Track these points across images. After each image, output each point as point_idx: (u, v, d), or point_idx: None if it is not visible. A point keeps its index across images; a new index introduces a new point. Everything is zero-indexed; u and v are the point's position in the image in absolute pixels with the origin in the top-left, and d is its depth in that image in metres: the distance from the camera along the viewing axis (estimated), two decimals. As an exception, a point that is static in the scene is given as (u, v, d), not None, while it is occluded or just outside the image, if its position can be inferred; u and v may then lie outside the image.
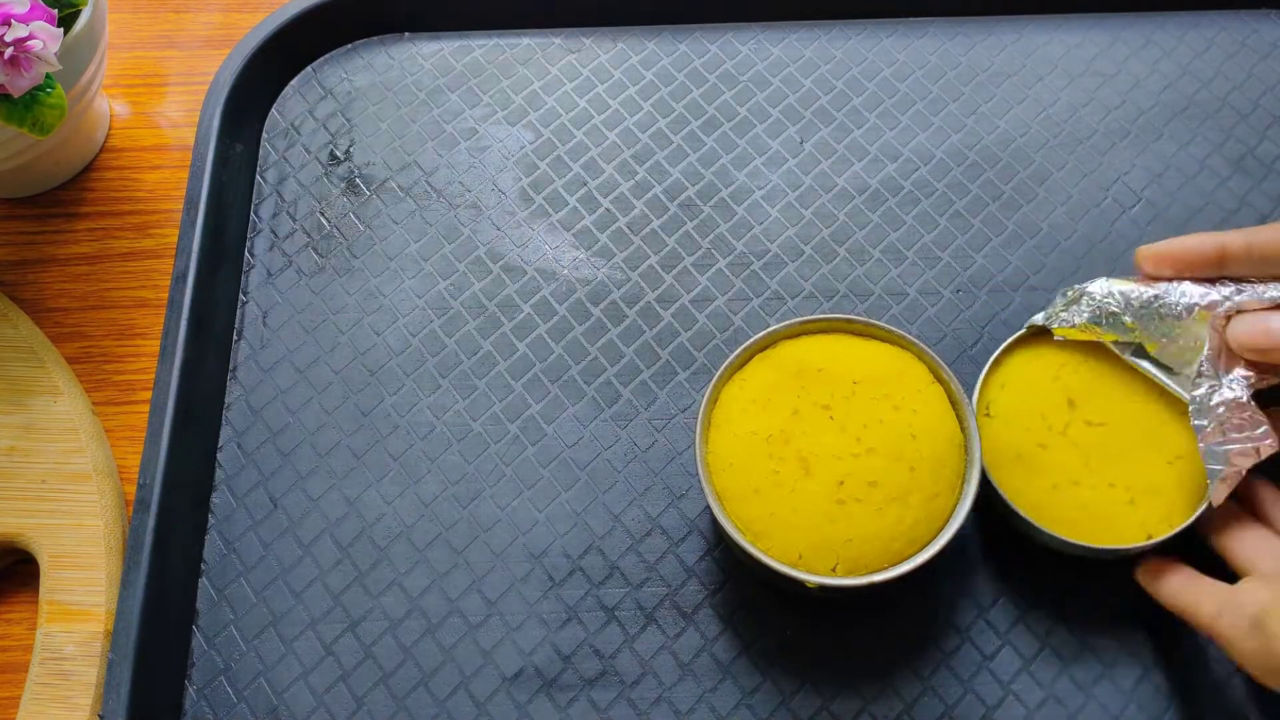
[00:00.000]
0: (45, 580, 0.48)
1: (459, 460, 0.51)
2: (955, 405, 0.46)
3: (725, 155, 0.58)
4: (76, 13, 0.52)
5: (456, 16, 0.62)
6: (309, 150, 0.59)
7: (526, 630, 0.48)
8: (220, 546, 0.50)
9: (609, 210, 0.57)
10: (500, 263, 0.56)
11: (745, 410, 0.46)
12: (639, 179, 0.57)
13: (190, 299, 0.52)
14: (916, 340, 0.47)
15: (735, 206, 0.56)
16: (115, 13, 0.64)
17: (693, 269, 0.55)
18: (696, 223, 0.56)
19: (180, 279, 0.53)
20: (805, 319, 0.48)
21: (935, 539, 0.44)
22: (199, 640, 0.48)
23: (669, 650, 0.47)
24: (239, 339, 0.54)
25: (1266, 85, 0.59)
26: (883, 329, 0.47)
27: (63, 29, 0.50)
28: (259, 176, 0.58)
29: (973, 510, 0.44)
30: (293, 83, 0.61)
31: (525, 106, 0.60)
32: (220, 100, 0.57)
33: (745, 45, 0.61)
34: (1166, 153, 0.57)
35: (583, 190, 0.57)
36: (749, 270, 0.55)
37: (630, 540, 0.49)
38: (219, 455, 0.52)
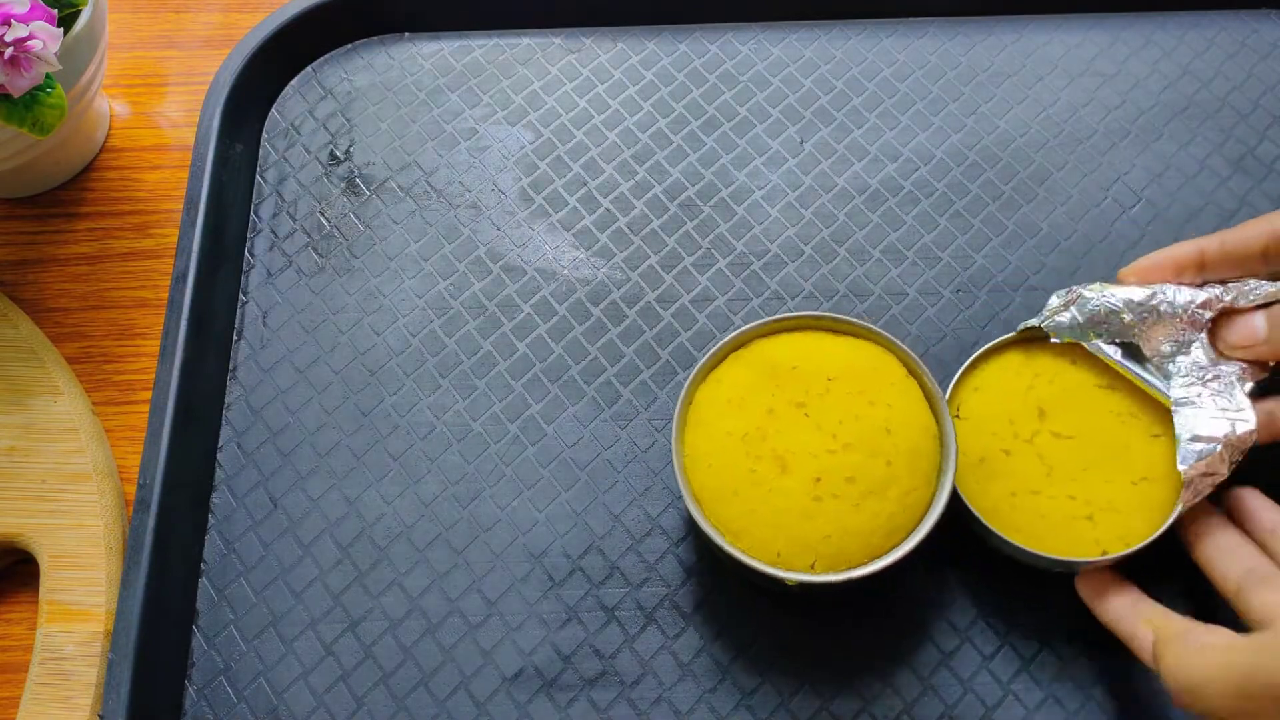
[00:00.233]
0: (45, 580, 0.49)
1: (459, 460, 0.51)
2: (930, 399, 0.46)
3: (725, 155, 0.58)
4: (76, 13, 0.52)
5: (456, 16, 0.62)
6: (309, 150, 0.59)
7: (526, 630, 0.48)
8: (220, 546, 0.50)
9: (609, 210, 0.57)
10: (500, 263, 0.56)
11: (721, 410, 0.46)
12: (639, 179, 0.57)
13: (190, 299, 0.52)
14: (888, 335, 0.47)
15: (735, 206, 0.56)
16: (115, 13, 0.64)
17: (693, 269, 0.55)
18: (696, 223, 0.56)
19: (180, 279, 0.53)
20: (777, 317, 0.48)
21: (913, 532, 0.44)
22: (199, 640, 0.48)
23: (669, 650, 0.47)
24: (239, 339, 0.54)
25: (1266, 85, 0.59)
26: (855, 324, 0.47)
27: (63, 29, 0.50)
28: (259, 176, 0.58)
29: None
30: (293, 83, 0.61)
31: (525, 106, 0.60)
32: (220, 100, 0.57)
33: (745, 45, 0.61)
34: (1166, 153, 0.57)
35: (583, 190, 0.57)
36: (749, 270, 0.55)
37: (630, 540, 0.49)
38: (219, 455, 0.52)
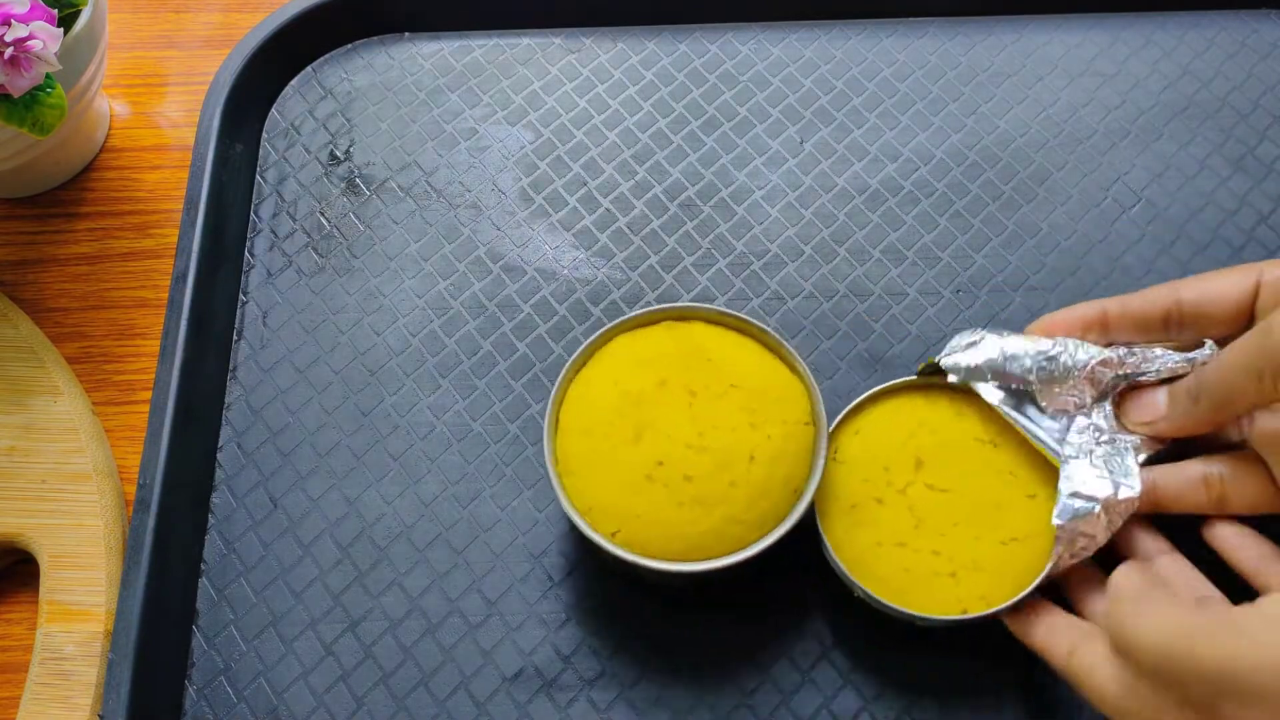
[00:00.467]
0: (45, 580, 0.48)
1: (459, 460, 0.51)
2: (814, 453, 0.45)
3: (725, 155, 0.58)
4: (76, 13, 0.52)
5: (456, 16, 0.62)
6: (309, 150, 0.59)
7: (526, 630, 0.48)
8: (220, 546, 0.50)
9: (609, 210, 0.57)
10: (500, 263, 0.56)
11: (623, 362, 0.46)
12: (639, 179, 0.57)
13: (190, 299, 0.52)
14: (812, 379, 0.46)
15: (735, 206, 0.56)
16: (115, 13, 0.64)
17: (693, 269, 0.55)
18: (696, 223, 0.56)
19: (180, 279, 0.53)
20: (724, 310, 0.47)
21: (712, 560, 0.43)
22: (199, 640, 0.48)
23: (668, 650, 0.47)
24: (239, 339, 0.54)
25: (1266, 85, 0.59)
26: (790, 354, 0.46)
27: (63, 29, 0.50)
28: (259, 176, 0.58)
29: (775, 548, 0.43)
30: (293, 83, 0.61)
31: (525, 106, 0.60)
32: (220, 100, 0.57)
33: (745, 45, 0.61)
34: (1166, 153, 0.57)
35: (583, 190, 0.57)
36: (749, 270, 0.55)
37: (630, 540, 0.49)
38: (219, 455, 0.52)
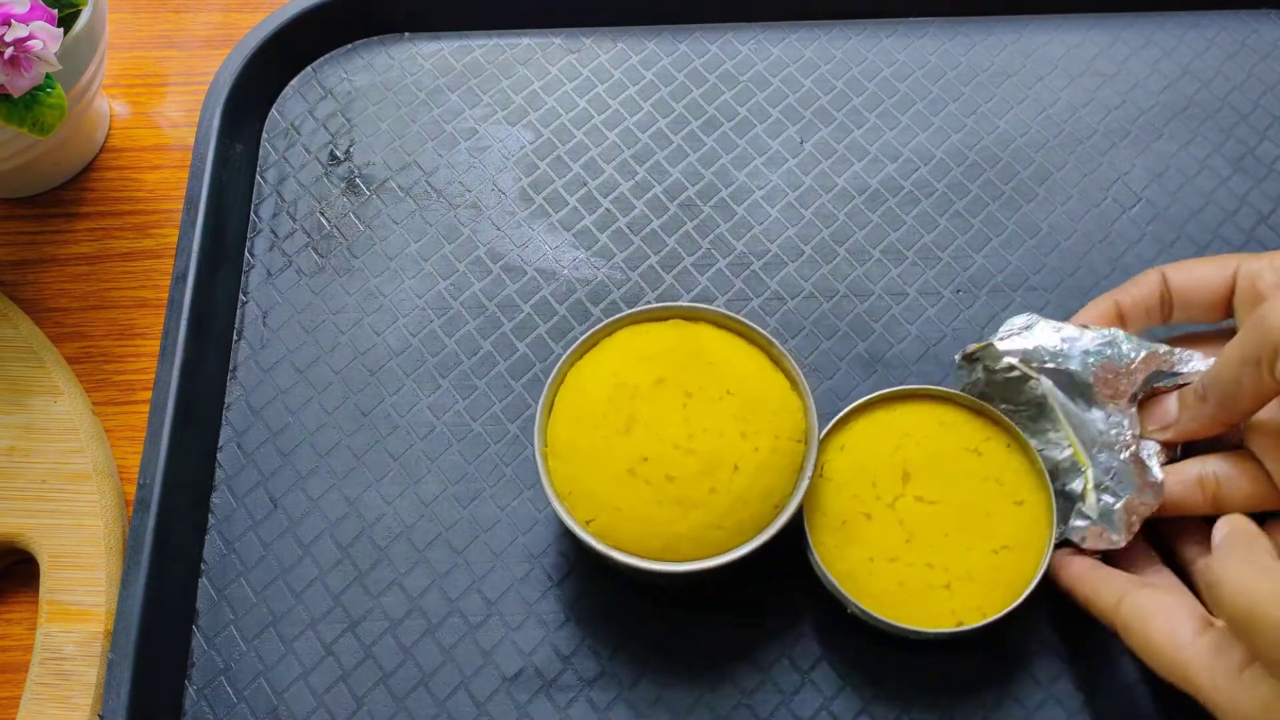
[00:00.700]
0: (45, 580, 0.48)
1: (459, 460, 0.51)
2: (800, 471, 0.45)
3: (725, 155, 0.58)
4: (76, 13, 0.52)
5: (456, 16, 0.62)
6: (309, 150, 0.59)
7: (526, 630, 0.48)
8: (220, 546, 0.50)
9: (609, 210, 0.57)
10: (500, 263, 0.56)
11: (624, 355, 0.46)
12: (639, 179, 0.57)
13: (190, 299, 0.52)
14: (812, 401, 0.45)
15: (735, 206, 0.56)
16: (115, 13, 0.64)
17: (693, 269, 0.55)
18: (696, 223, 0.56)
19: (180, 279, 0.53)
20: (742, 320, 0.47)
21: (682, 563, 0.43)
22: (199, 640, 0.48)
23: (668, 650, 0.47)
24: (239, 339, 0.54)
25: (1266, 85, 0.59)
26: (795, 371, 0.46)
27: (63, 29, 0.50)
28: (259, 176, 0.58)
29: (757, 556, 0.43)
30: (293, 83, 0.61)
31: (525, 106, 0.60)
32: (220, 100, 0.57)
33: (745, 45, 0.61)
34: (1166, 153, 0.57)
35: (583, 190, 0.57)
36: (749, 270, 0.55)
37: (630, 540, 0.49)
38: (219, 455, 0.52)
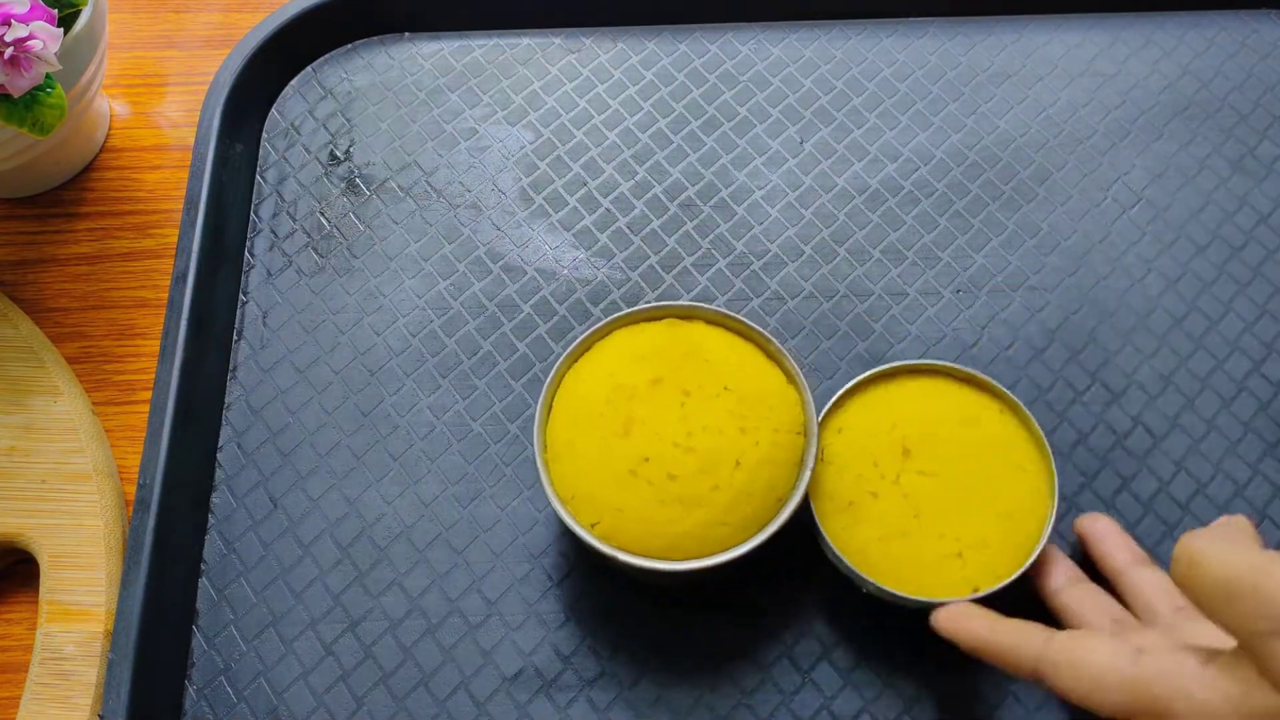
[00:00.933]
0: (45, 580, 0.48)
1: (459, 460, 0.51)
2: (802, 464, 0.45)
3: (725, 155, 0.58)
4: (76, 13, 0.52)
5: (456, 16, 0.62)
6: (309, 150, 0.59)
7: (526, 630, 0.48)
8: (220, 546, 0.50)
9: (609, 210, 0.57)
10: (500, 263, 0.56)
11: (620, 355, 0.46)
12: (639, 179, 0.57)
13: (190, 299, 0.52)
14: (809, 394, 0.45)
15: (735, 206, 0.56)
16: (115, 13, 0.64)
17: (693, 269, 0.55)
18: (696, 223, 0.56)
19: (180, 279, 0.53)
20: (736, 316, 0.47)
21: (690, 561, 0.43)
22: (199, 640, 0.48)
23: (668, 650, 0.47)
24: (239, 339, 0.54)
25: (1266, 85, 0.59)
26: (792, 366, 0.46)
27: (63, 29, 0.50)
28: (259, 176, 0.58)
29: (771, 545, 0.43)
30: (293, 83, 0.61)
31: (525, 106, 0.60)
32: (220, 100, 0.57)
33: (745, 45, 0.61)
34: (1166, 153, 0.57)
35: (583, 190, 0.57)
36: (749, 270, 0.55)
37: (630, 540, 0.49)
38: (219, 455, 0.52)
